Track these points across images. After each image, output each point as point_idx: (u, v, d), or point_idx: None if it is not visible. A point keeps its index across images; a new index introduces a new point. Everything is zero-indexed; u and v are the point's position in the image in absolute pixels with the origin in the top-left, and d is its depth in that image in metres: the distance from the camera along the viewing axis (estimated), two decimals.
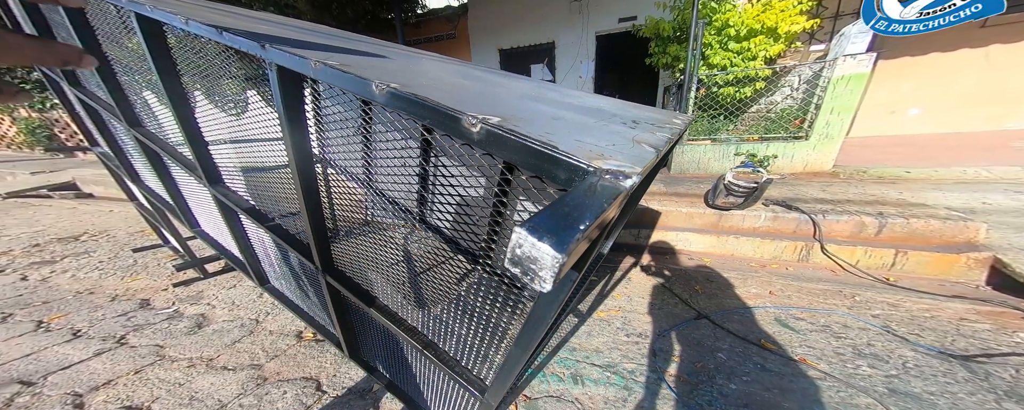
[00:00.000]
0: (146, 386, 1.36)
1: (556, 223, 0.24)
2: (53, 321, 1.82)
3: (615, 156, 0.38)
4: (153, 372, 1.44)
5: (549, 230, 0.22)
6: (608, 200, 0.29)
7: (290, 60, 0.60)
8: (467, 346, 0.84)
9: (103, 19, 1.11)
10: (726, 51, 3.69)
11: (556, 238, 0.22)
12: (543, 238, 0.21)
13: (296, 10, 5.47)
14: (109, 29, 1.12)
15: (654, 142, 0.56)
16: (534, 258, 0.21)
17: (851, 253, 2.33)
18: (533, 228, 0.22)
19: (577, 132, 0.50)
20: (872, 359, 1.46)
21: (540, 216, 0.24)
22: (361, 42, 1.33)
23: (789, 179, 3.53)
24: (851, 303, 1.90)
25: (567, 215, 0.26)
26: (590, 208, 0.27)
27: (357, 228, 1.05)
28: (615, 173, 0.32)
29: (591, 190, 0.31)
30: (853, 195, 2.96)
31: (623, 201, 0.34)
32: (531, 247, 0.21)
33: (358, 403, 1.26)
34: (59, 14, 1.15)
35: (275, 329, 1.69)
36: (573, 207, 0.27)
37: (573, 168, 0.33)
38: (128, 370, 1.45)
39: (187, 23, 0.73)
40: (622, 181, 0.32)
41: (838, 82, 3.36)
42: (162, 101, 1.13)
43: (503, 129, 0.37)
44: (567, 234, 0.22)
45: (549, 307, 0.55)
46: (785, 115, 3.77)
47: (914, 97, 5.49)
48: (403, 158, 0.84)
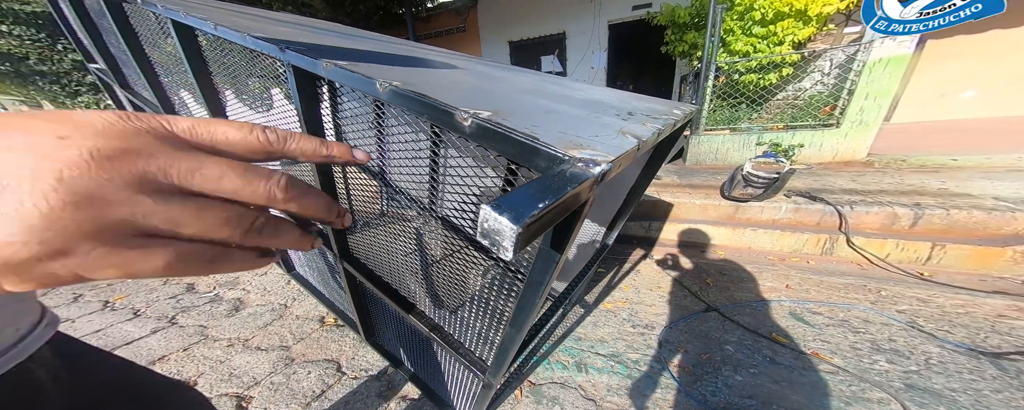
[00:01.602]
0: (193, 362, 1.51)
1: (518, 201, 0.27)
2: (117, 301, 2.04)
3: (593, 146, 0.40)
4: (199, 350, 1.59)
5: (509, 207, 0.26)
6: (574, 184, 0.32)
7: (304, 62, 0.65)
8: (469, 328, 0.90)
9: (144, 23, 1.22)
10: (749, 36, 3.51)
11: (514, 213, 0.25)
12: (503, 213, 0.24)
13: (312, 8, 5.64)
14: (149, 34, 1.24)
15: (640, 133, 0.58)
16: (497, 230, 0.24)
17: (881, 246, 2.21)
18: (497, 206, 0.25)
19: (564, 124, 0.53)
20: (891, 354, 1.41)
21: (506, 196, 0.28)
22: (372, 40, 1.38)
23: (816, 169, 3.36)
24: (876, 298, 1.83)
25: (531, 196, 0.29)
26: (553, 190, 0.30)
27: (371, 218, 1.12)
28: (587, 161, 0.35)
29: (561, 176, 0.34)
30: (887, 185, 2.79)
31: (593, 186, 0.36)
32: (494, 221, 0.24)
33: (374, 384, 1.35)
34: (107, 20, 1.27)
35: (301, 314, 1.82)
36: (538, 189, 0.30)
37: (550, 157, 0.37)
38: (178, 347, 1.61)
39: (216, 28, 0.80)
40: (592, 168, 0.35)
41: (875, 65, 3.14)
42: (197, 99, 1.24)
43: (491, 122, 0.40)
44: (525, 209, 0.26)
45: (536, 289, 0.59)
46: (814, 102, 3.56)
47: (967, 79, 5.03)
48: (411, 149, 0.90)
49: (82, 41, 1.72)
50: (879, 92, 3.23)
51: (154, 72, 1.37)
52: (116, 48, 1.51)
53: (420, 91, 0.48)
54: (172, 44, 1.08)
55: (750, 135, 3.61)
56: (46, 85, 6.92)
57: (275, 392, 1.32)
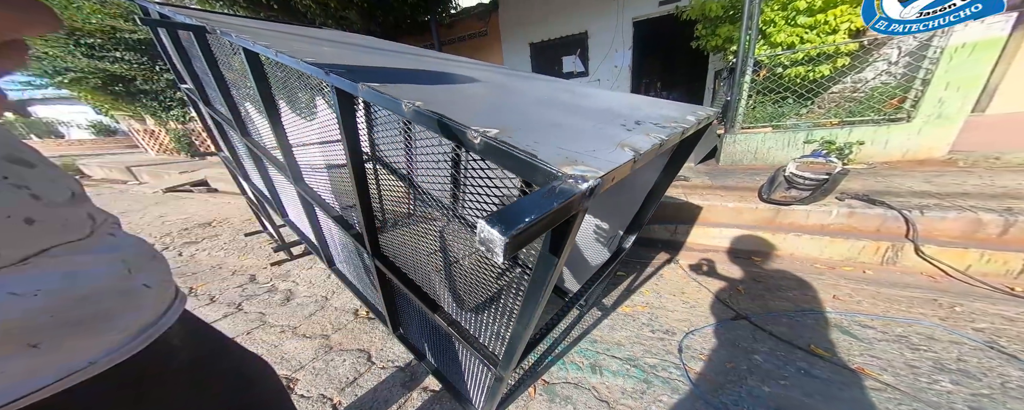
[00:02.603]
0: (253, 345, 1.72)
1: (508, 216, 0.32)
2: (198, 288, 2.39)
3: (587, 161, 0.44)
4: (258, 334, 1.81)
5: (501, 221, 0.31)
6: (562, 199, 0.36)
7: (344, 83, 0.74)
8: (482, 324, 0.97)
9: (220, 49, 1.45)
10: (794, 27, 3.23)
11: (504, 226, 0.30)
12: (495, 226, 0.30)
13: (349, 21, 6.27)
14: (224, 57, 1.47)
15: (640, 145, 0.59)
16: (490, 239, 0.30)
17: (961, 257, 1.95)
18: (490, 219, 0.30)
19: (566, 138, 0.56)
20: (958, 375, 1.25)
21: (499, 211, 0.33)
22: (402, 55, 1.51)
23: (880, 169, 3.01)
24: (947, 314, 1.62)
25: (520, 211, 0.33)
26: (541, 205, 0.35)
27: (401, 220, 1.23)
28: (577, 177, 0.39)
29: (551, 192, 0.38)
30: (972, 187, 2.44)
31: (581, 200, 0.39)
32: (488, 232, 0.29)
33: (399, 374, 1.46)
34: (194, 47, 1.51)
35: (338, 306, 2.01)
36: (527, 205, 0.35)
37: (545, 173, 0.41)
38: (243, 331, 1.85)
39: (276, 55, 0.94)
40: (580, 184, 0.38)
41: (957, 51, 2.75)
42: (259, 109, 1.43)
43: (497, 141, 0.45)
44: (513, 223, 0.30)
45: (539, 287, 0.64)
46: (877, 95, 3.19)
47: None
48: (435, 156, 0.99)
49: (176, 65, 2.05)
50: (963, 81, 2.82)
51: (227, 88, 1.61)
52: (200, 70, 1.79)
53: (438, 111, 0.54)
54: (240, 63, 1.28)
55: (797, 132, 3.31)
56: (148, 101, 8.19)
57: (316, 376, 1.48)
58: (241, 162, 2.34)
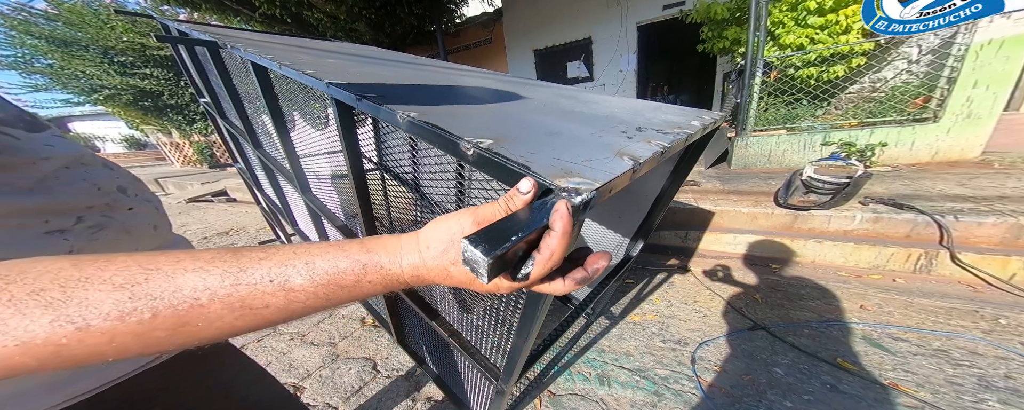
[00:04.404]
0: (264, 351, 1.75)
1: (492, 236, 0.30)
2: None
3: (582, 173, 0.42)
4: (268, 341, 1.84)
5: (483, 241, 0.29)
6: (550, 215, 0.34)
7: (342, 95, 0.75)
8: (484, 336, 0.94)
9: (233, 64, 1.50)
10: (804, 28, 3.14)
11: (486, 247, 0.28)
12: (478, 246, 0.28)
13: (358, 32, 6.49)
14: (237, 71, 1.52)
15: (639, 154, 0.56)
16: (474, 259, 0.28)
17: (1003, 265, 1.81)
18: (473, 240, 0.28)
19: (563, 148, 0.53)
20: (1008, 393, 1.15)
21: (483, 230, 0.31)
22: (406, 65, 1.53)
23: (906, 171, 2.86)
24: (991, 326, 1.50)
25: (506, 229, 0.31)
26: (529, 224, 0.32)
27: (406, 226, 1.23)
28: (570, 190, 0.37)
29: (541, 207, 0.35)
30: (1011, 190, 2.29)
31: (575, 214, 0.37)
32: (471, 252, 0.28)
33: (403, 384, 1.44)
34: (209, 62, 1.57)
35: (345, 314, 2.01)
36: (515, 222, 0.33)
37: (538, 186, 0.39)
38: (254, 338, 1.87)
39: (280, 68, 0.96)
40: (573, 197, 0.36)
41: (983, 48, 2.62)
42: (269, 122, 1.47)
43: (490, 152, 0.44)
44: (497, 243, 0.29)
45: (535, 301, 0.62)
46: (899, 94, 3.06)
47: None
48: (437, 164, 0.98)
49: (195, 80, 2.14)
50: (993, 78, 2.67)
51: (240, 101, 1.66)
52: (215, 84, 1.86)
53: (432, 121, 0.53)
54: (249, 76, 1.32)
55: (813, 134, 3.19)
56: (173, 115, 8.61)
57: (322, 385, 1.47)
58: (255, 173, 2.40)
